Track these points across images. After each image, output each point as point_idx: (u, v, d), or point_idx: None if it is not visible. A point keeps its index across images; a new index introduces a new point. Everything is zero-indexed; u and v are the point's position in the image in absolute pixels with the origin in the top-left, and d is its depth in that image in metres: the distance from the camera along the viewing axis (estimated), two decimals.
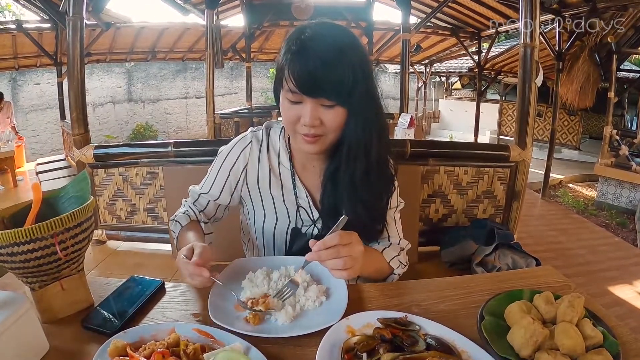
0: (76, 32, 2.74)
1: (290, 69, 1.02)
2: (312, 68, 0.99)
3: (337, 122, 1.07)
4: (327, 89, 1.02)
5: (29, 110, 10.52)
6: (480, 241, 2.38)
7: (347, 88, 1.03)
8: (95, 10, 6.34)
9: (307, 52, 1.01)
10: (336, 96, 1.03)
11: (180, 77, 13.59)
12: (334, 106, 1.05)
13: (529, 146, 2.69)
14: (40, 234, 0.82)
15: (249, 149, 1.27)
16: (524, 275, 1.15)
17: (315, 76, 1.00)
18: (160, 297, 1.02)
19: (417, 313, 0.92)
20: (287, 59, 1.03)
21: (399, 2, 5.84)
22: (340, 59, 1.02)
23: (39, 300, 0.91)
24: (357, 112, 1.08)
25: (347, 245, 0.96)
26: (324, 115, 1.05)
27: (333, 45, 1.03)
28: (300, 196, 1.28)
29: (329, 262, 0.95)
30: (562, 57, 6.87)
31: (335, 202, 1.21)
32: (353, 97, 1.05)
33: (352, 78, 1.03)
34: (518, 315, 0.85)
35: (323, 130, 1.08)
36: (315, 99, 1.03)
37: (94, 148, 2.85)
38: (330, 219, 1.21)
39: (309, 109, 1.04)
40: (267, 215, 1.30)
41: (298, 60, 1.01)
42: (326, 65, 1.00)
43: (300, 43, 1.02)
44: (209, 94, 5.67)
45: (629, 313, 3.12)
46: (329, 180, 1.21)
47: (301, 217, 1.29)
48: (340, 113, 1.06)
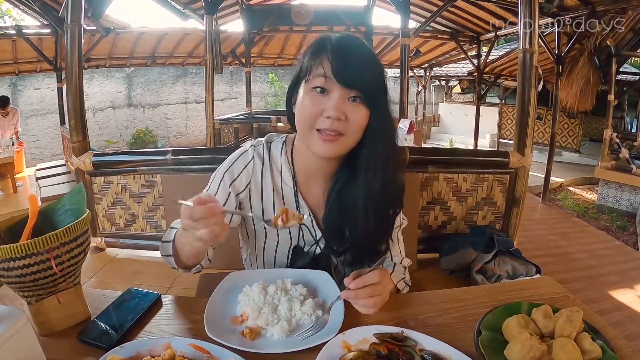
0: (74, 39, 2.75)
1: (330, 56, 1.01)
2: (352, 57, 1.02)
3: (360, 121, 1.04)
4: (361, 82, 1.01)
5: (29, 115, 10.52)
6: (480, 248, 2.37)
7: (377, 88, 1.04)
8: (94, 15, 6.33)
9: (345, 46, 1.04)
10: (367, 92, 1.02)
11: (180, 82, 13.59)
12: (360, 103, 1.03)
13: (529, 152, 2.69)
14: (35, 249, 0.82)
15: (251, 166, 1.21)
16: (523, 286, 1.14)
17: (352, 66, 1.01)
18: (156, 310, 1.01)
19: (414, 327, 0.92)
20: (323, 50, 1.03)
21: (398, 6, 5.85)
22: (373, 60, 1.07)
23: (35, 314, 0.91)
24: (379, 119, 1.06)
25: (380, 284, 0.97)
26: (350, 110, 1.02)
27: (366, 48, 1.07)
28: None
29: (361, 301, 0.95)
30: (562, 61, 6.87)
31: (339, 222, 1.17)
32: (379, 101, 1.05)
33: (382, 81, 1.06)
34: (516, 330, 0.84)
35: (345, 129, 1.03)
36: (346, 89, 1.01)
37: (92, 155, 2.86)
38: (334, 239, 1.20)
39: (336, 98, 1.01)
40: (269, 236, 1.26)
41: (338, 49, 1.02)
42: (362, 59, 1.04)
43: (338, 39, 1.05)
44: (209, 99, 5.67)
45: (630, 318, 3.09)
46: (335, 199, 1.17)
47: (304, 237, 1.25)
48: (363, 112, 1.04)
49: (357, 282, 0.95)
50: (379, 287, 0.96)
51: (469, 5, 7.45)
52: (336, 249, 1.20)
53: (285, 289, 1.02)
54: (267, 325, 0.91)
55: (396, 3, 5.84)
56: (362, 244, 1.15)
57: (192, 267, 1.14)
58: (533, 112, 2.71)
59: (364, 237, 1.14)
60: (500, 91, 13.75)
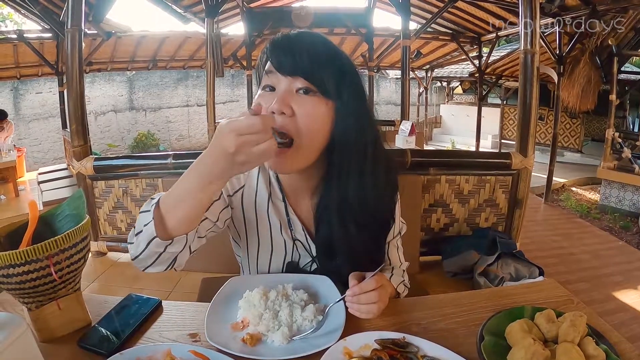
0: (75, 44, 2.75)
1: (269, 49, 0.94)
2: (292, 45, 0.92)
3: (312, 114, 0.91)
4: (308, 68, 0.90)
5: (31, 119, 10.53)
6: (483, 251, 2.37)
7: (334, 76, 0.92)
8: (95, 20, 6.35)
9: (289, 36, 0.95)
10: (320, 81, 0.91)
11: (182, 86, 13.60)
12: (312, 95, 0.91)
13: (531, 153, 2.68)
14: (35, 256, 0.82)
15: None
16: (526, 289, 1.13)
17: (293, 52, 0.90)
18: (157, 316, 1.00)
19: (416, 332, 0.91)
20: (266, 49, 0.96)
21: (398, 8, 5.84)
22: (325, 47, 0.95)
23: (35, 320, 0.91)
24: (346, 114, 0.94)
25: (379, 289, 0.96)
26: (297, 102, 0.90)
27: (318, 38, 0.97)
28: (296, 230, 1.14)
29: (363, 307, 0.94)
30: (563, 61, 6.85)
31: (329, 239, 1.08)
32: (342, 93, 0.93)
33: (338, 67, 0.94)
34: (519, 335, 0.83)
35: (293, 125, 0.90)
36: (290, 78, 0.91)
37: (93, 160, 2.86)
38: (327, 257, 1.12)
39: (280, 89, 0.91)
40: (262, 245, 1.16)
41: (278, 41, 0.94)
42: (308, 47, 0.92)
43: (283, 34, 0.97)
44: (210, 102, 5.67)
45: (634, 319, 3.08)
46: (322, 215, 1.08)
47: (298, 251, 1.16)
48: (319, 106, 0.92)
49: (354, 289, 0.94)
50: (378, 293, 0.95)
51: (469, 6, 7.44)
52: (329, 268, 1.12)
53: (286, 295, 1.01)
54: (267, 332, 0.90)
55: (397, 4, 5.84)
56: (354, 260, 1.07)
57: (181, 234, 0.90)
58: (535, 113, 2.70)
59: (355, 253, 1.07)
60: (501, 92, 13.73)
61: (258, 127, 0.73)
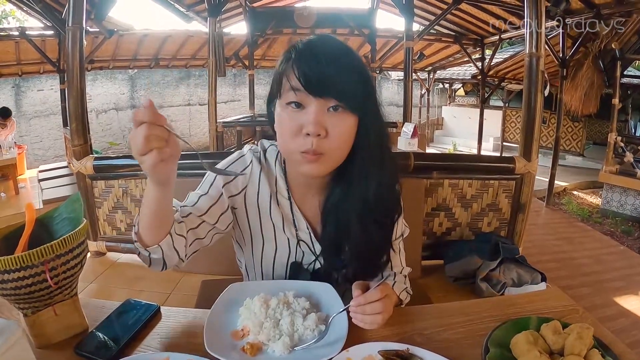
0: (75, 42, 2.73)
1: (295, 66, 0.92)
2: (319, 63, 0.90)
3: (344, 132, 0.94)
4: (338, 88, 0.91)
5: (33, 116, 10.53)
6: (485, 256, 2.35)
7: (361, 91, 0.94)
8: (97, 17, 6.35)
9: (314, 49, 0.94)
10: (349, 98, 0.92)
11: (184, 85, 13.59)
12: (341, 111, 0.93)
13: (535, 158, 2.66)
14: (30, 262, 0.80)
15: (249, 169, 1.13)
16: (531, 298, 1.12)
17: (322, 72, 0.90)
18: (155, 323, 0.99)
19: (420, 343, 0.89)
20: (289, 59, 0.94)
21: (402, 9, 5.83)
22: (349, 60, 0.95)
23: (31, 326, 0.89)
24: (369, 125, 0.97)
25: (384, 299, 0.94)
26: (330, 122, 0.92)
27: (339, 47, 0.96)
28: (301, 228, 1.15)
29: (367, 317, 0.92)
30: (566, 64, 6.84)
31: (337, 237, 1.09)
32: (366, 106, 0.96)
33: (362, 80, 0.95)
34: (525, 347, 0.82)
35: (327, 145, 0.93)
36: (322, 99, 0.91)
37: (93, 159, 2.84)
38: (332, 254, 1.13)
39: (313, 111, 0.91)
40: (266, 243, 1.16)
41: (304, 56, 0.93)
42: (335, 62, 0.91)
43: (306, 43, 0.96)
44: (211, 102, 5.66)
45: (635, 325, 3.05)
46: (330, 213, 1.09)
47: (302, 250, 1.17)
48: (348, 121, 0.94)
49: (359, 299, 0.92)
50: (383, 303, 0.94)
51: (473, 8, 7.43)
52: (335, 265, 1.14)
53: (288, 303, 0.98)
54: (268, 341, 0.88)
55: (400, 6, 5.83)
56: (361, 258, 1.10)
57: (154, 244, 0.94)
58: (539, 117, 2.68)
59: (363, 251, 1.09)
60: (504, 94, 13.72)
61: (137, 118, 0.78)
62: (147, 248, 0.94)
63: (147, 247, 0.94)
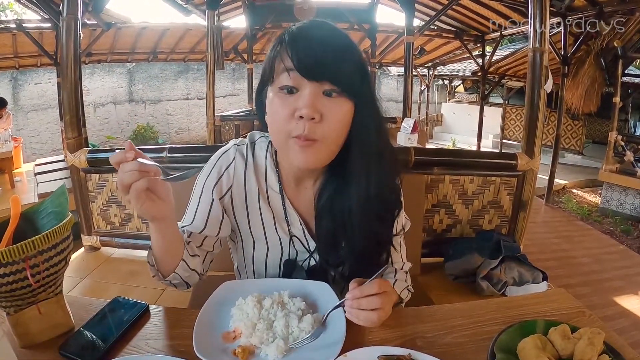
0: (70, 33, 2.67)
1: (289, 47, 0.88)
2: (313, 45, 0.88)
3: (339, 117, 0.90)
4: (331, 70, 0.87)
5: (30, 109, 10.47)
6: (486, 254, 2.31)
7: (357, 75, 0.91)
8: (95, 10, 6.28)
9: (308, 32, 0.91)
10: (344, 81, 0.88)
11: (182, 78, 13.55)
12: (336, 96, 0.89)
13: (537, 155, 2.62)
14: (10, 258, 0.75)
15: (232, 167, 1.08)
16: (536, 300, 1.08)
17: (316, 54, 0.87)
18: (144, 323, 0.94)
19: (422, 347, 0.85)
20: (282, 41, 0.91)
21: (402, 4, 5.79)
22: (344, 44, 0.92)
23: (15, 325, 0.85)
24: (366, 112, 0.93)
25: (382, 295, 0.88)
26: (325, 107, 0.88)
27: (334, 31, 0.93)
28: (293, 224, 1.10)
29: (362, 313, 0.87)
30: (568, 61, 6.79)
31: (333, 232, 1.05)
32: (362, 91, 0.92)
33: (358, 65, 0.92)
34: (532, 353, 0.78)
35: (321, 131, 0.88)
36: (316, 82, 0.87)
37: (87, 152, 2.79)
38: (328, 250, 1.08)
39: (307, 93, 0.86)
40: (257, 243, 1.13)
41: (298, 38, 0.89)
42: (329, 45, 0.89)
43: (299, 27, 0.92)
44: (210, 95, 5.61)
45: (635, 325, 3.04)
46: (325, 207, 1.05)
47: (295, 248, 1.12)
48: (344, 106, 0.90)
49: (355, 292, 0.87)
50: (381, 299, 0.87)
51: (474, 3, 7.38)
52: (331, 261, 1.09)
53: (282, 303, 0.93)
54: (261, 344, 0.83)
55: (401, 1, 5.78)
56: (359, 255, 1.04)
57: (170, 273, 1.01)
58: (542, 113, 2.64)
59: (361, 247, 1.03)
60: (503, 91, 13.69)
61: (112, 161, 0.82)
62: (165, 278, 1.02)
63: (165, 277, 1.02)
